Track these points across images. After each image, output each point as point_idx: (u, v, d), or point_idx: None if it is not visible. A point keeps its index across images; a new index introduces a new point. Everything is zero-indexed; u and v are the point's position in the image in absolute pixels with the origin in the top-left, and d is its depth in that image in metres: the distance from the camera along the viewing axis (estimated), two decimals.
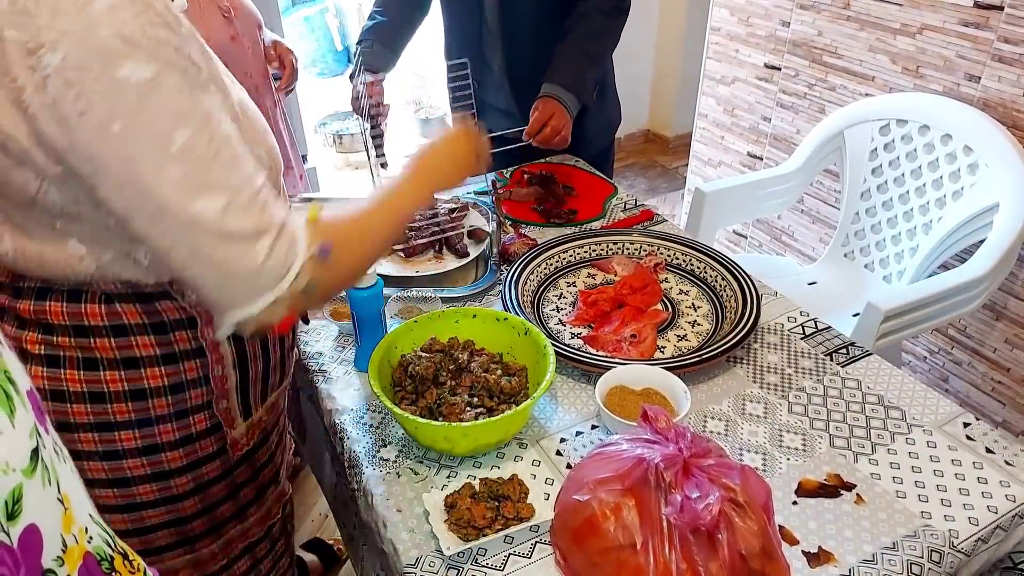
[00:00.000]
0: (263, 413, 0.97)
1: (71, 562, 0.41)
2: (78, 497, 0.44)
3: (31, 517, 0.37)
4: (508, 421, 0.96)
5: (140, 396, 0.83)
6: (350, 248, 0.81)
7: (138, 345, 0.82)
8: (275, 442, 1.04)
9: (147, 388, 0.83)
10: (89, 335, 0.80)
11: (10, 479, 0.36)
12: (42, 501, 0.38)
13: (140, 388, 0.83)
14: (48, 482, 0.39)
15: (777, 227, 2.57)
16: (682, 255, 1.42)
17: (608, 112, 1.88)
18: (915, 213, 1.89)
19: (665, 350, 1.23)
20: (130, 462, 0.86)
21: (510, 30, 1.67)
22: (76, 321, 0.80)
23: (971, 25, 1.80)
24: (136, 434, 0.85)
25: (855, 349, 1.21)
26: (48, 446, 0.40)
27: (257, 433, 0.97)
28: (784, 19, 2.30)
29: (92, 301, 0.79)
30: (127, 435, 0.84)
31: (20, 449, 0.37)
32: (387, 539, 0.93)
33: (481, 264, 1.45)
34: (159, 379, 0.83)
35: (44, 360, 0.81)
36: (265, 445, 1.01)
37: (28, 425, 0.38)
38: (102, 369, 0.81)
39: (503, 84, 1.77)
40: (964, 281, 1.60)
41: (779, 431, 1.06)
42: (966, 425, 1.07)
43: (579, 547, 0.81)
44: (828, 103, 2.24)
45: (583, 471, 0.86)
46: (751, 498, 0.78)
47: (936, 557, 0.89)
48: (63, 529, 0.40)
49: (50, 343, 0.81)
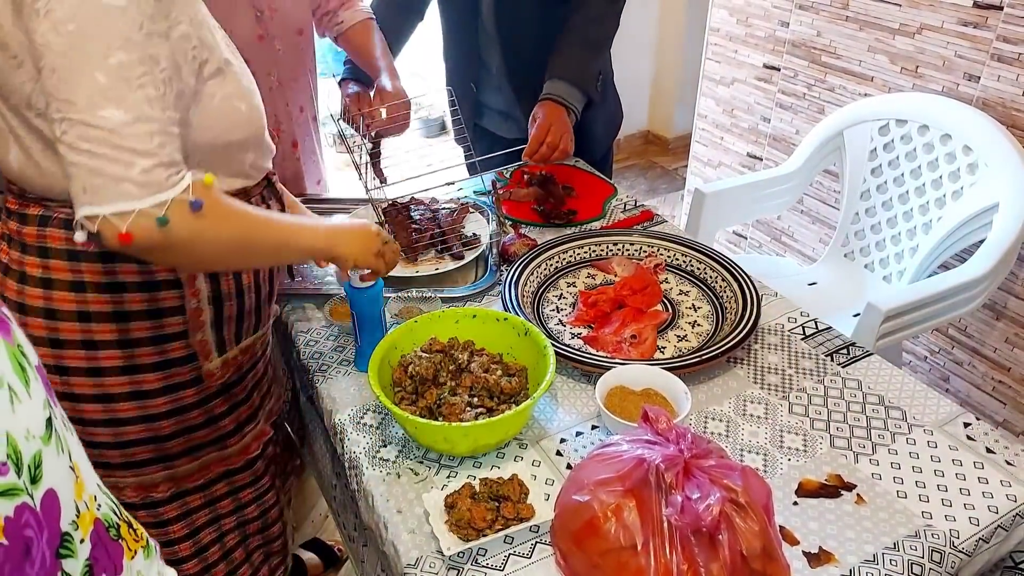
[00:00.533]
0: (237, 352, 1.04)
1: (84, 526, 0.43)
2: (86, 466, 0.46)
3: (50, 482, 0.40)
4: (508, 421, 0.96)
5: (122, 318, 0.91)
6: (220, 224, 0.84)
7: (123, 271, 0.90)
8: (251, 383, 1.11)
9: (129, 311, 0.91)
10: (80, 259, 0.89)
11: (31, 445, 0.39)
12: (58, 467, 0.41)
13: (123, 311, 0.91)
14: (61, 450, 0.42)
15: (777, 227, 2.57)
16: (682, 256, 1.42)
17: (611, 112, 1.88)
18: (915, 213, 1.89)
19: (665, 351, 1.23)
20: (112, 380, 0.93)
21: (507, 30, 1.67)
22: (70, 246, 0.88)
23: (970, 25, 1.80)
24: (118, 353, 0.93)
25: (855, 349, 1.21)
26: (59, 416, 0.43)
27: (232, 371, 1.05)
28: (783, 19, 2.30)
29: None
30: (110, 354, 0.92)
31: (37, 417, 0.40)
32: (387, 540, 0.93)
33: (481, 264, 1.45)
34: (140, 303, 0.91)
35: (41, 282, 0.91)
36: (241, 384, 1.08)
37: (41, 396, 0.41)
38: (89, 291, 0.90)
39: (502, 85, 1.77)
40: (964, 281, 1.60)
41: (780, 432, 1.06)
42: (967, 425, 1.06)
43: (579, 548, 0.81)
44: (827, 103, 2.24)
45: (583, 472, 0.85)
46: (752, 499, 0.78)
47: (937, 557, 0.89)
48: (76, 496, 0.43)
49: (47, 267, 0.90)
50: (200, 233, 0.81)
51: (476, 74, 1.80)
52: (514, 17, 1.65)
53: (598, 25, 1.62)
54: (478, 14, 1.68)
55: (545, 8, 1.63)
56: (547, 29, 1.63)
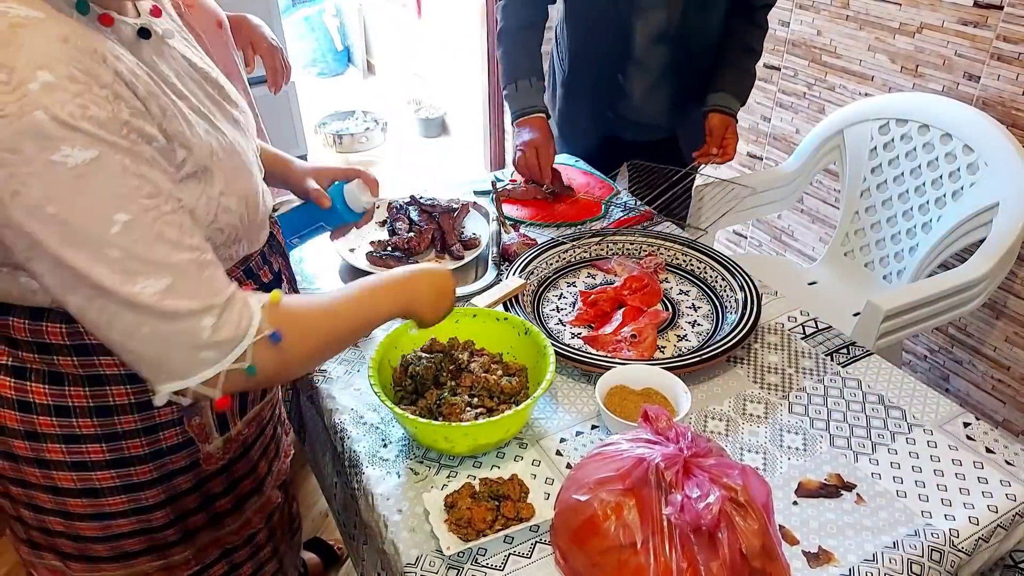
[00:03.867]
0: (242, 427, 0.95)
1: None
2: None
3: None
4: (508, 421, 0.96)
5: (106, 412, 0.82)
6: (304, 339, 0.77)
7: (102, 364, 0.80)
8: (258, 454, 1.01)
9: (113, 405, 0.82)
10: (52, 352, 0.79)
11: None
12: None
13: (106, 405, 0.82)
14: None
15: (777, 227, 2.57)
16: (682, 255, 1.42)
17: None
18: (915, 212, 1.89)
19: (665, 350, 1.23)
20: (98, 474, 0.85)
21: (678, 59, 1.66)
22: (38, 338, 0.79)
23: (970, 24, 1.80)
24: (104, 447, 0.84)
25: (855, 349, 1.21)
26: None
27: (237, 447, 0.95)
28: (783, 19, 2.30)
29: (52, 321, 0.78)
30: (94, 448, 0.84)
31: None
32: (387, 539, 0.93)
33: (481, 264, 1.45)
34: (125, 396, 0.82)
35: (11, 371, 0.81)
36: (246, 457, 0.98)
37: None
38: (67, 384, 0.81)
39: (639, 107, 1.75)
40: (964, 280, 1.60)
41: (780, 431, 1.06)
42: (966, 424, 1.07)
43: (579, 547, 0.81)
44: (827, 103, 2.24)
45: (583, 471, 0.85)
46: (752, 498, 0.78)
47: (937, 556, 0.89)
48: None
49: (16, 356, 0.81)
50: (288, 361, 0.76)
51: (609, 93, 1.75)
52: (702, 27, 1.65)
53: (760, 29, 1.69)
54: (629, 44, 1.64)
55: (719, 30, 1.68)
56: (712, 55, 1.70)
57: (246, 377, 0.72)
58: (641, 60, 1.66)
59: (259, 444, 1.01)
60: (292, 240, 1.17)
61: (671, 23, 1.59)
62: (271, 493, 1.05)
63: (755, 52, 1.71)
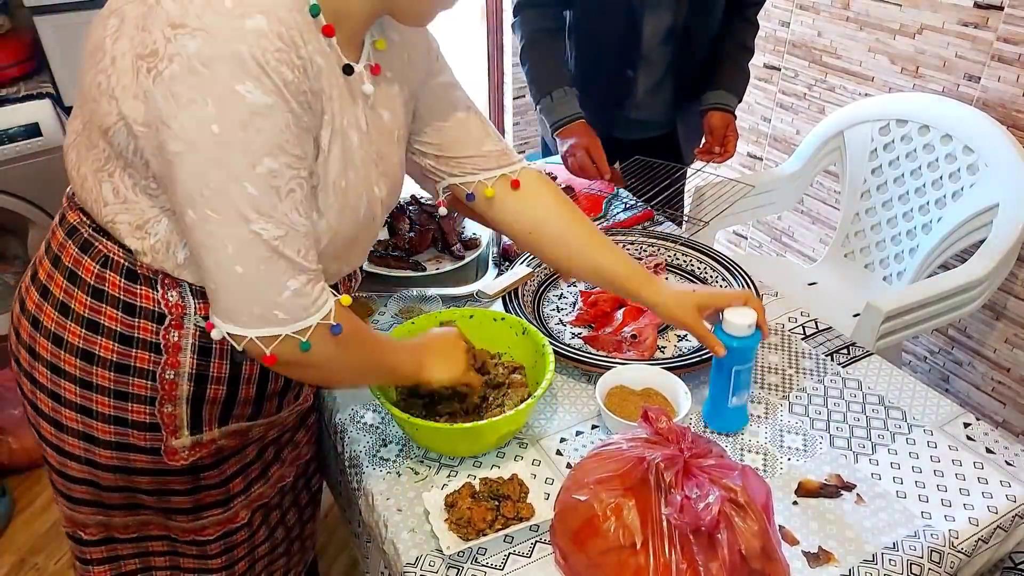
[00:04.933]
0: (218, 436, 0.92)
1: None
2: None
3: None
4: (508, 421, 0.96)
5: (88, 358, 0.85)
6: (354, 348, 0.84)
7: (105, 314, 0.84)
8: (234, 468, 0.97)
9: (96, 354, 0.85)
10: (76, 284, 0.85)
11: None
12: None
13: (91, 352, 0.85)
14: None
15: (777, 228, 2.57)
16: (682, 255, 1.42)
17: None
18: (915, 213, 1.89)
19: (665, 350, 1.23)
20: (67, 412, 0.89)
21: (681, 56, 1.68)
22: (75, 268, 0.85)
23: (970, 25, 1.80)
24: (77, 390, 0.87)
25: (855, 349, 1.21)
26: None
27: (208, 454, 0.92)
28: (784, 20, 2.30)
29: (93, 258, 0.84)
30: (70, 387, 0.87)
31: None
32: (387, 538, 0.93)
33: (481, 264, 1.45)
34: (110, 352, 0.85)
35: (40, 291, 0.88)
36: (217, 468, 0.95)
37: None
38: (70, 319, 0.85)
39: (642, 104, 1.77)
40: (964, 281, 1.60)
41: (780, 431, 1.06)
42: (966, 425, 1.06)
43: (579, 547, 0.81)
44: (828, 103, 2.24)
45: (583, 471, 0.85)
46: (751, 498, 0.78)
47: (936, 557, 0.89)
48: None
49: (51, 276, 0.87)
50: (335, 358, 0.81)
51: (616, 86, 1.76)
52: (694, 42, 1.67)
53: (753, 27, 1.72)
54: (637, 37, 1.65)
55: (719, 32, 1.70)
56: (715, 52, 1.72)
57: (298, 351, 0.77)
58: (648, 57, 1.67)
59: (237, 459, 0.97)
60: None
61: (678, 21, 1.61)
62: (239, 511, 1.01)
63: (749, 50, 1.73)
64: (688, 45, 1.65)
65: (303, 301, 0.75)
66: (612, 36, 1.66)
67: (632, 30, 1.63)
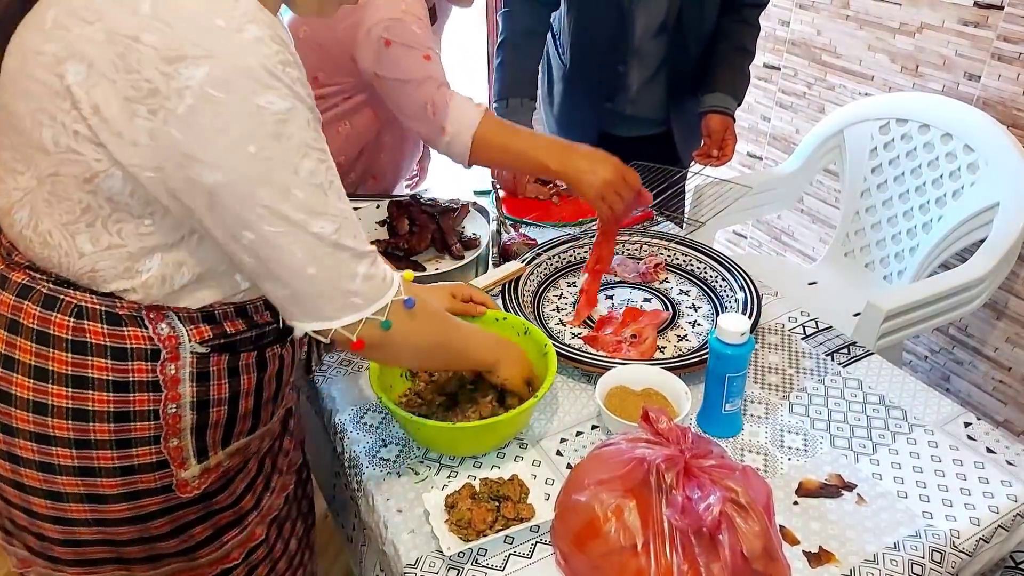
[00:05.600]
0: (223, 457, 0.91)
1: None
2: None
3: None
4: (508, 421, 0.96)
5: (82, 417, 0.81)
6: (427, 323, 0.88)
7: (93, 366, 0.80)
8: (242, 486, 0.96)
9: (90, 410, 0.81)
10: (49, 344, 0.79)
11: None
12: None
13: (84, 409, 0.81)
14: None
15: (777, 227, 2.57)
16: (682, 255, 1.42)
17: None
18: (915, 212, 1.89)
19: (665, 350, 1.23)
20: (64, 479, 0.83)
21: (675, 51, 1.67)
22: (43, 327, 0.79)
23: (971, 24, 1.80)
24: (73, 453, 0.82)
25: (856, 349, 1.21)
26: None
27: (216, 477, 0.91)
28: (783, 18, 2.30)
29: (63, 312, 0.79)
30: (64, 452, 0.82)
31: None
32: (387, 539, 0.93)
33: (481, 264, 1.45)
34: (105, 403, 0.81)
35: (2, 360, 0.81)
36: (227, 489, 0.93)
37: None
38: (51, 382, 0.80)
39: (636, 99, 1.77)
40: (965, 280, 1.60)
41: (780, 431, 1.06)
42: (967, 425, 1.06)
43: (580, 548, 0.81)
44: (827, 102, 2.24)
45: (583, 472, 0.85)
46: (752, 499, 0.78)
47: (938, 557, 0.89)
48: None
49: (12, 344, 0.80)
50: (411, 334, 0.85)
51: (608, 84, 1.76)
52: (688, 38, 1.66)
53: (752, 28, 1.71)
54: (627, 34, 1.66)
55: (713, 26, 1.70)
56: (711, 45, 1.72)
57: (381, 331, 0.80)
58: (640, 51, 1.67)
59: (242, 476, 0.96)
60: None
61: (670, 15, 1.60)
62: (255, 529, 0.99)
63: (748, 52, 1.72)
64: (681, 39, 1.65)
65: (374, 282, 0.79)
66: (603, 29, 1.66)
67: (623, 22, 1.63)
